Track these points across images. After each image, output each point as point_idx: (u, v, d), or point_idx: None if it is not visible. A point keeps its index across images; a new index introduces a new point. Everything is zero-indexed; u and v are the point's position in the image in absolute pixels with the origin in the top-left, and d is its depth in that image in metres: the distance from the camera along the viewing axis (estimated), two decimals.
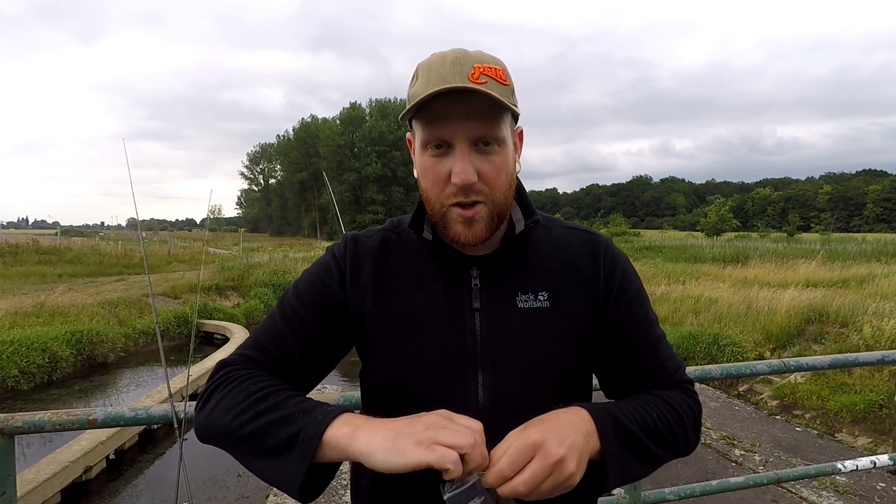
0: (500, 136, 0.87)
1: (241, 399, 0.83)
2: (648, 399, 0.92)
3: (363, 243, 1.00)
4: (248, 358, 0.92)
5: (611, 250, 1.00)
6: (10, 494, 1.37)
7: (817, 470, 2.20)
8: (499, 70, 0.86)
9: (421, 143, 0.89)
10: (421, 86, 0.85)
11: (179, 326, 13.09)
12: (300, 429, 0.77)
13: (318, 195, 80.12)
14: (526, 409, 0.89)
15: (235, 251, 30.26)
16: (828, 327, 9.01)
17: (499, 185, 0.88)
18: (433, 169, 0.87)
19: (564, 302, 0.94)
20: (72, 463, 5.49)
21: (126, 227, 76.19)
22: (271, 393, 0.83)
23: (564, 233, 1.01)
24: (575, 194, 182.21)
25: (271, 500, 4.92)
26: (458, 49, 0.88)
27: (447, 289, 0.94)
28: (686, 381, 0.99)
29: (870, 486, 4.98)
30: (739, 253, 22.20)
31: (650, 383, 0.97)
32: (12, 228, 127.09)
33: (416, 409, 0.78)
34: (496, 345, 0.91)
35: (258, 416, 0.80)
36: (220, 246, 41.60)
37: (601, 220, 75.36)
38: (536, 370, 0.92)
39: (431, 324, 0.92)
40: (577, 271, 0.97)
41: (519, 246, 0.97)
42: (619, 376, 0.99)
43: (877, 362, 2.12)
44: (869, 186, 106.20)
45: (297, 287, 0.97)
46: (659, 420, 0.88)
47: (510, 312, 0.93)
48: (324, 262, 0.99)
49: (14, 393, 8.86)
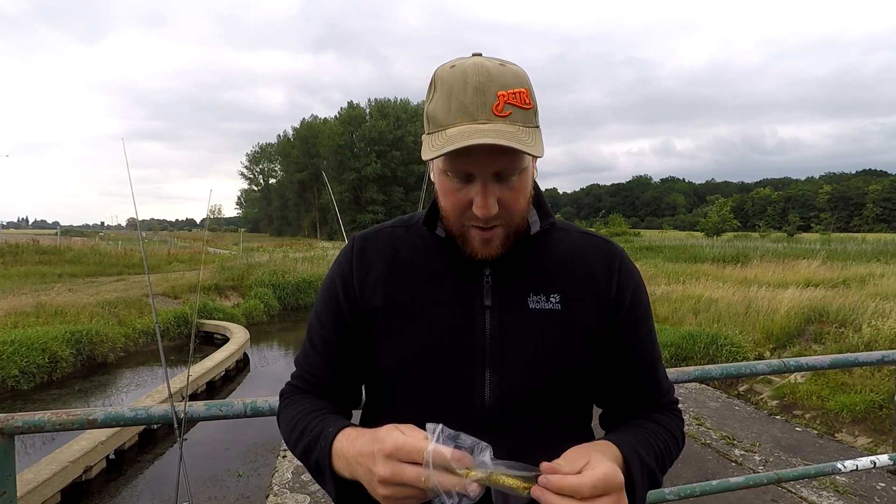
0: (522, 167, 0.86)
1: (286, 429, 0.96)
2: (656, 430, 0.96)
3: (370, 241, 1.01)
4: (292, 387, 1.03)
5: (626, 262, 1.01)
6: (10, 494, 1.37)
7: (817, 470, 2.20)
8: (523, 93, 0.83)
9: (441, 169, 0.88)
10: (441, 109, 0.83)
11: (179, 326, 13.07)
12: (317, 459, 0.87)
13: (318, 195, 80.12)
14: (530, 408, 0.91)
15: (235, 251, 30.19)
16: (828, 327, 9.00)
17: (517, 209, 0.89)
18: (454, 195, 0.87)
19: (576, 306, 0.95)
20: (72, 463, 5.48)
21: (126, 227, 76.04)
22: (300, 420, 0.93)
23: (581, 238, 1.02)
24: (575, 194, 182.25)
25: (271, 500, 4.92)
26: (478, 65, 0.83)
27: (458, 285, 0.94)
28: (674, 402, 1.05)
29: (870, 486, 4.97)
30: (739, 253, 22.18)
31: (645, 400, 1.01)
32: (12, 228, 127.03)
33: (423, 404, 0.79)
34: (505, 344, 0.92)
35: (297, 444, 0.92)
36: (220, 246, 41.56)
37: (601, 220, 75.35)
38: (544, 371, 0.92)
39: (441, 319, 0.92)
40: (591, 277, 0.97)
41: (533, 247, 0.97)
42: (615, 388, 1.01)
43: (877, 362, 2.12)
44: (869, 186, 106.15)
45: (316, 307, 1.04)
46: (664, 451, 0.94)
47: (521, 312, 0.93)
48: (331, 275, 1.03)
49: (14, 393, 8.85)
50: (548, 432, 0.93)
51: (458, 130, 0.81)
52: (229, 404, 1.53)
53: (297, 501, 4.84)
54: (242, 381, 10.53)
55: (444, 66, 0.87)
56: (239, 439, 6.91)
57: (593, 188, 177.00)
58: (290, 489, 5.06)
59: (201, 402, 1.53)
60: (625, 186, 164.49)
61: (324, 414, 0.92)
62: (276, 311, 17.31)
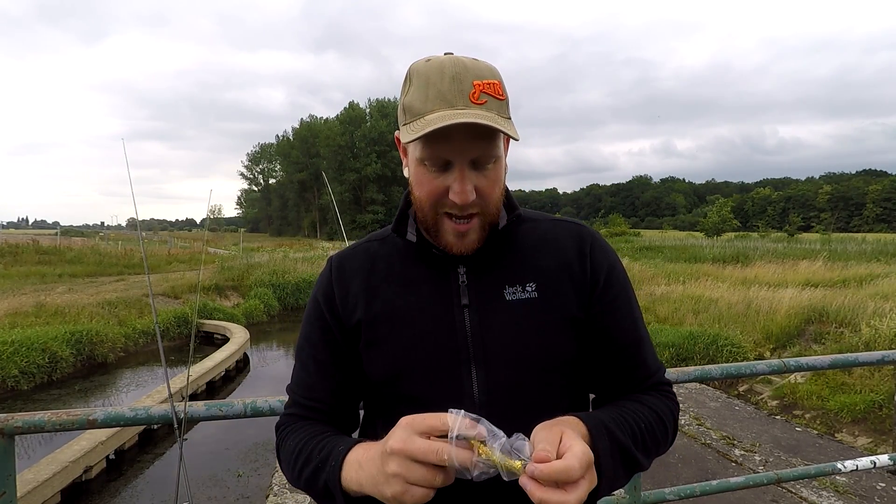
0: (498, 154, 0.88)
1: (288, 458, 0.94)
2: (636, 408, 0.92)
3: (347, 259, 1.03)
4: (290, 416, 1.01)
5: (598, 242, 1.01)
6: (10, 494, 1.37)
7: (817, 470, 2.20)
8: (496, 85, 0.86)
9: (419, 158, 0.89)
10: (418, 98, 0.85)
11: (179, 326, 13.08)
12: (326, 479, 0.84)
13: (318, 195, 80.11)
14: (521, 401, 0.91)
15: (235, 251, 30.22)
16: (828, 327, 9.00)
17: (493, 198, 0.90)
18: (430, 183, 0.88)
19: (552, 292, 0.95)
20: (72, 463, 5.49)
21: (126, 227, 76.12)
22: (304, 445, 0.91)
23: (552, 226, 1.03)
24: (575, 194, 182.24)
25: (271, 500, 4.92)
26: (453, 58, 0.87)
27: (435, 288, 0.95)
28: (665, 383, 1.01)
29: (870, 486, 4.97)
30: (739, 253, 22.20)
31: (632, 380, 0.98)
32: (12, 228, 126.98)
33: (415, 410, 0.78)
34: (486, 339, 0.92)
35: (301, 471, 0.90)
36: (220, 246, 41.56)
37: (601, 220, 75.35)
38: (528, 361, 0.92)
39: (422, 324, 0.93)
40: (565, 262, 0.97)
41: (504, 240, 0.97)
42: (600, 370, 1.00)
43: (877, 362, 2.12)
44: (869, 186, 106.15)
45: (303, 331, 1.04)
46: (646, 430, 0.89)
47: (498, 305, 0.93)
48: (313, 296, 1.04)
49: (14, 393, 8.86)
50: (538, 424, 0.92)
51: (437, 115, 0.82)
52: (229, 404, 1.53)
53: (297, 501, 4.84)
54: (242, 381, 10.53)
55: (419, 61, 0.90)
56: (239, 439, 6.91)
57: (593, 188, 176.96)
58: (290, 489, 5.06)
59: (201, 402, 1.53)
60: (625, 186, 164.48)
61: (329, 436, 0.92)
62: (276, 312, 17.32)
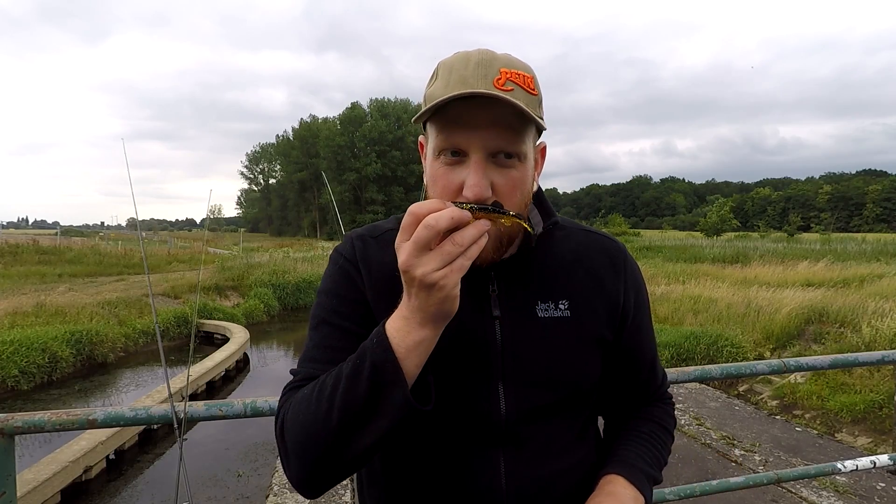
0: (522, 151, 0.80)
1: (301, 404, 0.78)
2: (653, 431, 1.00)
3: (370, 244, 0.93)
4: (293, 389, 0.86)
5: (630, 262, 1.01)
6: (10, 494, 1.37)
7: (817, 470, 2.20)
8: (527, 78, 0.80)
9: (434, 150, 0.82)
10: (440, 87, 0.79)
11: (179, 326, 13.08)
12: (373, 362, 0.71)
13: (318, 195, 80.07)
14: (546, 421, 0.90)
15: (235, 251, 30.22)
16: (828, 327, 9.00)
17: (512, 203, 0.80)
18: (444, 177, 0.80)
19: (585, 311, 0.92)
20: (72, 463, 5.49)
21: (126, 227, 76.15)
22: (321, 381, 0.78)
23: (584, 237, 0.99)
24: (575, 194, 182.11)
25: (271, 500, 4.92)
26: (484, 50, 0.81)
27: (465, 296, 0.85)
28: (666, 388, 1.09)
29: (870, 486, 4.97)
30: (739, 253, 22.18)
31: (642, 394, 1.04)
32: (12, 228, 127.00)
33: (438, 422, 0.75)
34: (517, 356, 0.88)
35: (331, 397, 0.74)
36: (220, 246, 41.54)
37: (601, 219, 75.29)
38: (559, 383, 0.90)
39: (451, 333, 0.83)
40: (598, 280, 0.95)
41: (537, 250, 0.92)
42: (616, 388, 1.02)
43: (877, 362, 2.12)
44: (869, 186, 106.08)
45: (323, 303, 0.91)
46: (661, 451, 0.99)
47: (530, 321, 0.89)
48: (335, 270, 0.93)
49: (14, 393, 8.85)
50: (562, 439, 0.92)
51: (452, 95, 0.76)
52: (229, 404, 1.53)
53: (297, 501, 4.83)
54: (242, 381, 10.53)
55: (448, 56, 0.85)
56: (239, 439, 6.91)
57: (593, 188, 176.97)
58: (290, 489, 5.05)
59: (201, 402, 1.52)
60: (625, 186, 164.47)
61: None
62: (276, 311, 17.32)
